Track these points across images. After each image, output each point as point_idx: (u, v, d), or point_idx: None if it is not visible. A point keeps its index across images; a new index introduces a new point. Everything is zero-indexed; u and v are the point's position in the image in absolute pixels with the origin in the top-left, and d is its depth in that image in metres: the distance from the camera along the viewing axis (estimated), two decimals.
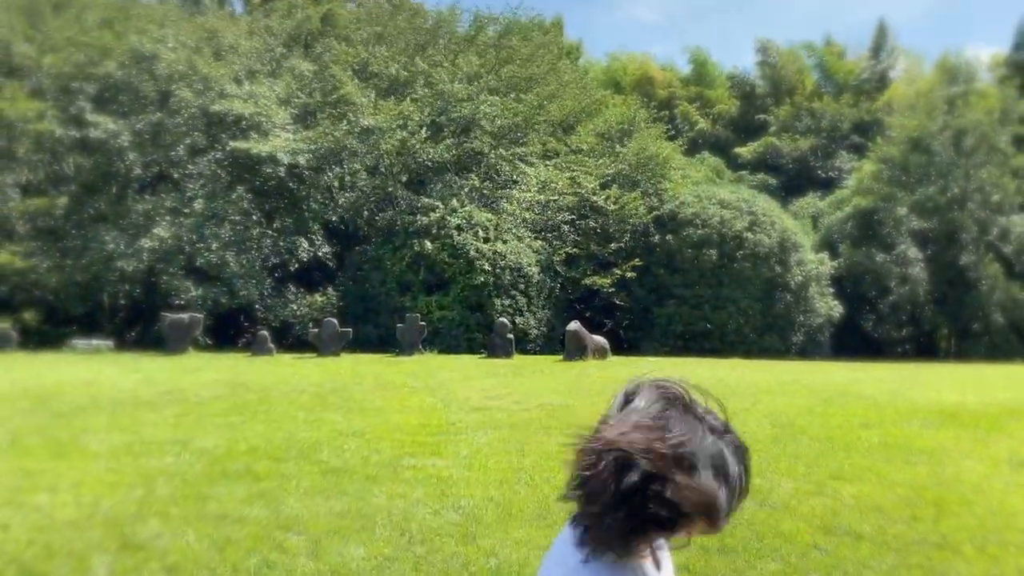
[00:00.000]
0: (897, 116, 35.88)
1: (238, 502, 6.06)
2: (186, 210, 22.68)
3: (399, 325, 20.09)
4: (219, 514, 5.76)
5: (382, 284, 23.03)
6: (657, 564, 1.47)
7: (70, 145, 22.73)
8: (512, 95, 25.93)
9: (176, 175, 23.60)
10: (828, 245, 31.00)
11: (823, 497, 6.51)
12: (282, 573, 4.80)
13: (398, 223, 23.59)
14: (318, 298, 23.37)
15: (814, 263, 27.68)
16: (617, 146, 28.21)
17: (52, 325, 22.53)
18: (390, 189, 24.39)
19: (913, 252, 30.01)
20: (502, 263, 23.10)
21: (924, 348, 30.75)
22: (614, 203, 25.84)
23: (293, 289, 23.51)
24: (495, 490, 6.51)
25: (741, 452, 1.41)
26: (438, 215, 22.95)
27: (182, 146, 23.41)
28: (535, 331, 23.68)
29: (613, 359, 19.14)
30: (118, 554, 4.97)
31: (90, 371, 14.56)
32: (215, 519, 5.65)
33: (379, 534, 5.43)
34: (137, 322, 23.99)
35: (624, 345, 24.81)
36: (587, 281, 25.46)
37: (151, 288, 22.43)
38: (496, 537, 5.41)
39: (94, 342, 20.16)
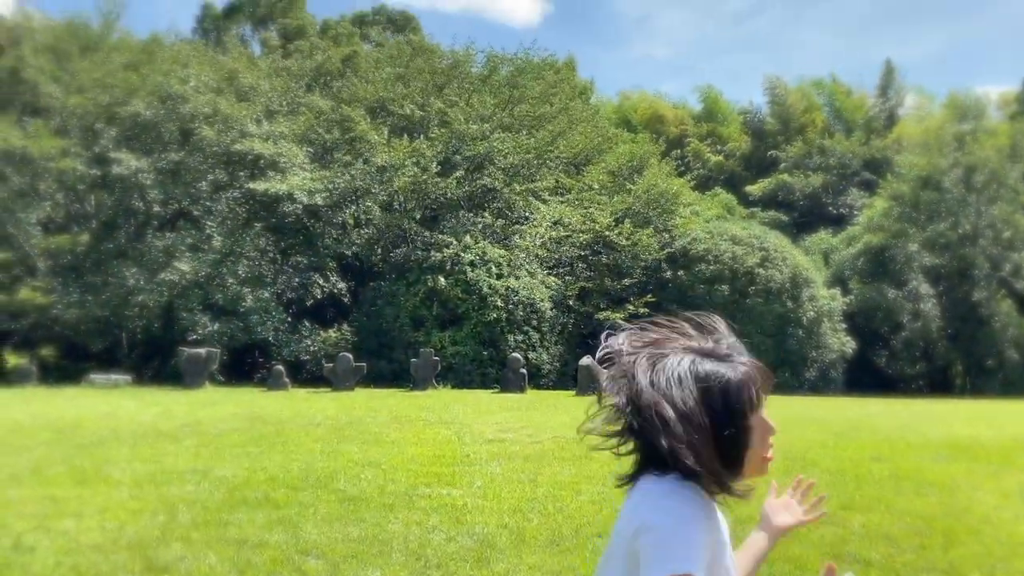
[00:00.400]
0: (906, 154, 36.11)
1: (258, 528, 6.20)
2: (204, 247, 23.06)
3: (413, 360, 20.25)
4: (239, 539, 5.91)
5: (396, 320, 23.24)
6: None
7: (91, 183, 23.23)
8: (524, 132, 26.36)
9: (195, 212, 24.04)
10: (840, 281, 31.06)
11: (833, 526, 6.58)
12: None
13: (412, 259, 23.87)
14: (332, 333, 23.60)
15: (826, 299, 27.74)
16: (627, 183, 28.53)
17: (71, 360, 22.86)
18: (404, 226, 24.73)
19: (925, 288, 30.02)
20: (515, 299, 23.30)
21: (938, 384, 30.59)
22: (626, 239, 26.08)
23: (308, 325, 23.76)
24: (508, 518, 6.62)
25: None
26: (451, 251, 23.23)
27: (205, 182, 23.89)
28: (548, 366, 23.79)
29: None
30: None
31: (109, 404, 14.79)
32: (236, 544, 5.80)
33: (395, 559, 5.56)
34: (154, 357, 24.26)
35: None
36: (600, 316, 25.59)
37: (168, 323, 22.74)
38: (510, 562, 5.52)
39: (112, 376, 20.41)
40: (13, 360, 23.97)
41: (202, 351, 19.88)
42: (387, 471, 8.49)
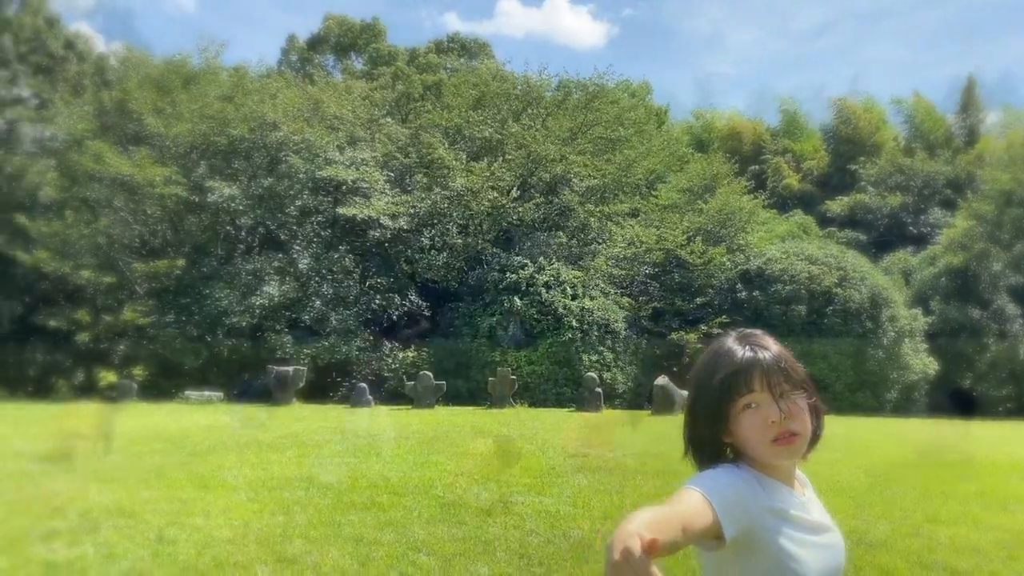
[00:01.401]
0: (989, 169, 35.26)
1: (369, 528, 6.70)
2: (290, 269, 24.08)
3: (491, 379, 20.73)
4: (355, 537, 6.40)
5: (473, 340, 23.80)
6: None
7: (186, 208, 24.56)
8: (604, 157, 26.79)
9: (283, 236, 25.13)
10: (922, 301, 30.43)
11: (919, 538, 6.75)
12: None
13: (488, 280, 24.45)
14: (411, 353, 24.30)
15: (907, 319, 27.23)
16: (699, 202, 28.64)
17: (164, 378, 24.03)
18: (480, 247, 25.35)
19: (1011, 308, 29.21)
20: (589, 319, 23.63)
21: None
22: (699, 257, 26.17)
23: (388, 344, 24.51)
24: (601, 524, 6.97)
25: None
26: (527, 273, 23.73)
27: (294, 207, 24.98)
28: (623, 386, 24.00)
29: None
30: (276, 566, 5.65)
31: (207, 418, 15.64)
32: (352, 541, 6.29)
33: (500, 557, 5.97)
34: (242, 375, 25.32)
35: None
36: (673, 336, 25.70)
37: (256, 342, 23.78)
38: None
39: (206, 393, 21.43)
40: (108, 378, 25.26)
41: (289, 369, 20.73)
42: (479, 480, 8.93)
